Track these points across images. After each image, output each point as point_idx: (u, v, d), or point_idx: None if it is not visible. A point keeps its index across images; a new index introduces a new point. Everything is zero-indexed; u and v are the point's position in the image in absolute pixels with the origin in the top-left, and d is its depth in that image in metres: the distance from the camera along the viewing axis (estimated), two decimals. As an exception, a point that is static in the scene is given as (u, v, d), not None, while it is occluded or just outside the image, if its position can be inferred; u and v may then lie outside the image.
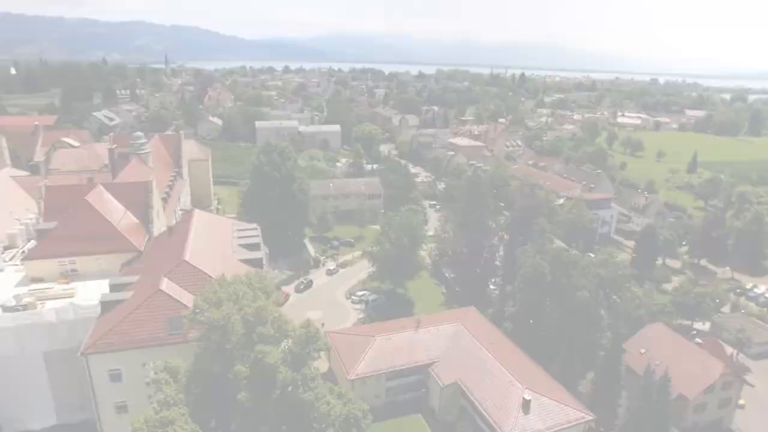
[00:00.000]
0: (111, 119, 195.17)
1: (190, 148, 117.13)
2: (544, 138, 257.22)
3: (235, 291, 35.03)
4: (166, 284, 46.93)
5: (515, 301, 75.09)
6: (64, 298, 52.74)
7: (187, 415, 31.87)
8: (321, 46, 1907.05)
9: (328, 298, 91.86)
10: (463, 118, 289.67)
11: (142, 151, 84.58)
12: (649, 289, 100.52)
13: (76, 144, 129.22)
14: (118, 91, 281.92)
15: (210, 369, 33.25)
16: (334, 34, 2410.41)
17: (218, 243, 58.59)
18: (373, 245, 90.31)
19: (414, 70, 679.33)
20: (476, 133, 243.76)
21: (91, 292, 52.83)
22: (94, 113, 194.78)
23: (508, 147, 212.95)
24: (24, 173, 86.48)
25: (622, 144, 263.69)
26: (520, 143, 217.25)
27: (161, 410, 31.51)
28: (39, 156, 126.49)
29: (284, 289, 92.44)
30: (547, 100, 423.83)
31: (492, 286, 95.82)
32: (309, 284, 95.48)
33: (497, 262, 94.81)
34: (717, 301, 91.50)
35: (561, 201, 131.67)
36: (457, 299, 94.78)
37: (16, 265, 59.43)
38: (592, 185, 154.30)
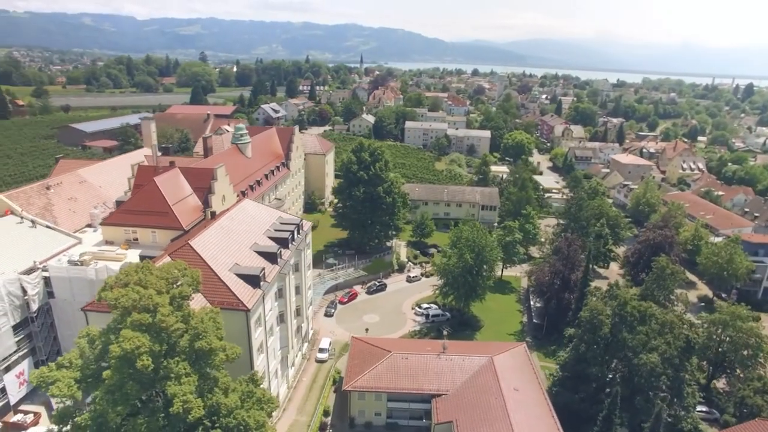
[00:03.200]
0: (276, 111, 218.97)
1: (310, 143, 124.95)
2: (751, 161, 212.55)
3: (154, 276, 36.62)
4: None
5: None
6: (115, 261, 61.10)
7: (74, 380, 34.52)
8: (520, 50, 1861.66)
9: (393, 304, 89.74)
10: (642, 133, 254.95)
11: (242, 142, 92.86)
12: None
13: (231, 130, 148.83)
14: (300, 87, 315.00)
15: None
16: (537, 39, 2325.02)
17: (244, 233, 61.52)
18: (441, 257, 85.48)
19: (614, 78, 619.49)
20: (652, 150, 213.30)
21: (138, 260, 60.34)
22: (262, 105, 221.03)
23: (684, 169, 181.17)
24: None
25: None
26: (700, 166, 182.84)
27: (53, 369, 34.82)
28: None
29: (354, 288, 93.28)
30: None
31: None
32: (381, 287, 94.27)
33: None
34: None
35: (717, 239, 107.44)
36: (533, 333, 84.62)
37: (105, 227, 70.71)
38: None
